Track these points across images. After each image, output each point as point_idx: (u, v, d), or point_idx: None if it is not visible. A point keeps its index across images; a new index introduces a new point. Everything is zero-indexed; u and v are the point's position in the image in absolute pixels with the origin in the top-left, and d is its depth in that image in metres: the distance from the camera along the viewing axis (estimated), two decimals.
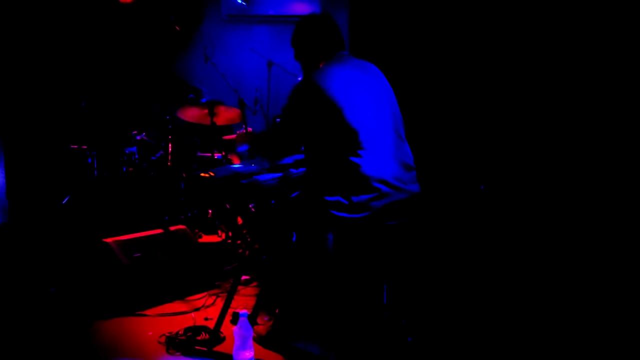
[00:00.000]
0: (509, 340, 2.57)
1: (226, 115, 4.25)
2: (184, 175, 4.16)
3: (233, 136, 4.52)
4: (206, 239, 4.06)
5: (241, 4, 5.38)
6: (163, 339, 2.54)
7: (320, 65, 2.41)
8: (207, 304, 3.03)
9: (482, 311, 2.89)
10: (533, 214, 3.21)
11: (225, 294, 2.68)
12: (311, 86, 2.27)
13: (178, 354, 2.43)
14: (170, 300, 3.08)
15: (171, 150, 4.20)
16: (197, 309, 2.97)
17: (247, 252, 2.83)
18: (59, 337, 2.62)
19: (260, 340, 2.49)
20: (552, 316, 2.78)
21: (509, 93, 3.32)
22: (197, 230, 4.09)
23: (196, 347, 2.45)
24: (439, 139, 3.60)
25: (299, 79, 4.55)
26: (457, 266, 3.29)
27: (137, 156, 4.34)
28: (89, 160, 4.27)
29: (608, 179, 2.93)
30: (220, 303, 2.98)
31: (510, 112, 3.32)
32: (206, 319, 2.82)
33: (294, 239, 2.43)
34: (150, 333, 2.63)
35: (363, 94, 2.29)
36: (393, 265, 2.41)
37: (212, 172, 2.51)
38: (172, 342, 2.50)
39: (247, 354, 2.24)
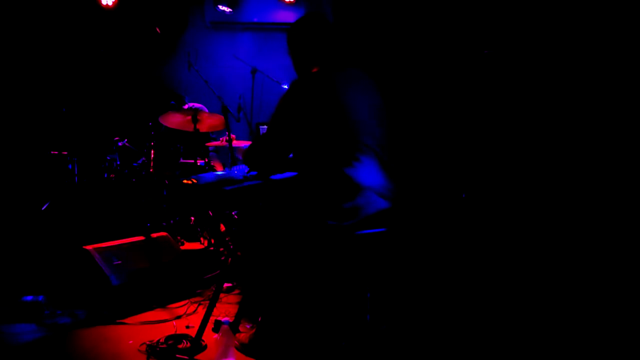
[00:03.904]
0: (491, 348, 2.59)
1: (209, 121, 4.24)
2: (166, 181, 4.14)
3: (216, 143, 4.52)
4: (188, 246, 4.03)
5: (222, 11, 5.39)
6: (144, 348, 2.51)
7: (315, 70, 2.38)
8: (188, 311, 3.01)
9: (465, 318, 2.91)
10: (513, 220, 3.25)
11: (207, 302, 2.66)
12: (322, 83, 2.20)
13: None
14: (151, 308, 3.06)
15: (153, 157, 4.18)
16: (179, 317, 2.94)
17: (229, 259, 2.81)
18: (36, 346, 2.58)
19: (242, 348, 2.48)
20: (536, 321, 2.81)
21: (488, 104, 3.37)
22: (179, 237, 4.07)
23: (177, 356, 2.42)
24: (421, 149, 3.64)
25: (283, 86, 4.58)
26: (440, 273, 3.32)
27: (118, 162, 4.31)
28: (70, 166, 4.23)
29: (582, 185, 2.99)
30: (202, 311, 2.96)
31: (490, 122, 3.37)
32: (188, 327, 2.79)
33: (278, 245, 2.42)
34: (131, 342, 2.60)
35: (360, 103, 2.28)
36: (378, 273, 2.42)
37: (195, 179, 2.50)
38: (153, 351, 2.47)
39: None
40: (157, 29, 5.11)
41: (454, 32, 3.55)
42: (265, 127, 4.34)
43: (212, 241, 3.94)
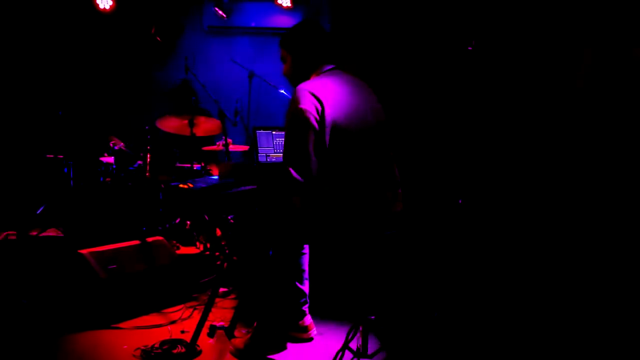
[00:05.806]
0: (489, 351, 2.58)
1: (206, 126, 4.23)
2: (162, 186, 4.13)
3: (213, 147, 4.51)
4: (184, 250, 4.02)
5: (220, 16, 5.41)
6: (138, 353, 2.50)
7: (312, 77, 2.37)
8: (184, 316, 3.00)
9: (463, 320, 2.91)
10: (508, 224, 3.27)
11: (203, 307, 2.65)
12: (310, 97, 2.17)
13: None
14: (146, 312, 3.04)
15: (149, 161, 4.16)
16: (174, 322, 2.93)
17: (225, 264, 2.80)
18: (29, 350, 2.56)
19: (237, 353, 2.47)
20: (531, 321, 2.81)
21: (482, 111, 3.39)
22: (174, 242, 4.05)
23: None
24: (419, 155, 3.65)
25: (280, 90, 4.59)
26: (437, 276, 3.32)
27: (114, 166, 4.29)
28: (65, 170, 4.21)
29: (571, 190, 3.01)
30: (197, 316, 2.95)
31: (484, 130, 3.38)
32: (183, 332, 2.78)
33: (271, 251, 2.41)
34: (125, 346, 2.59)
35: (353, 111, 2.26)
36: (373, 278, 2.41)
37: (191, 183, 2.49)
38: (148, 356, 2.46)
39: None
40: (158, 38, 5.11)
41: (449, 38, 3.57)
42: (261, 131, 4.35)
43: (208, 246, 3.92)
